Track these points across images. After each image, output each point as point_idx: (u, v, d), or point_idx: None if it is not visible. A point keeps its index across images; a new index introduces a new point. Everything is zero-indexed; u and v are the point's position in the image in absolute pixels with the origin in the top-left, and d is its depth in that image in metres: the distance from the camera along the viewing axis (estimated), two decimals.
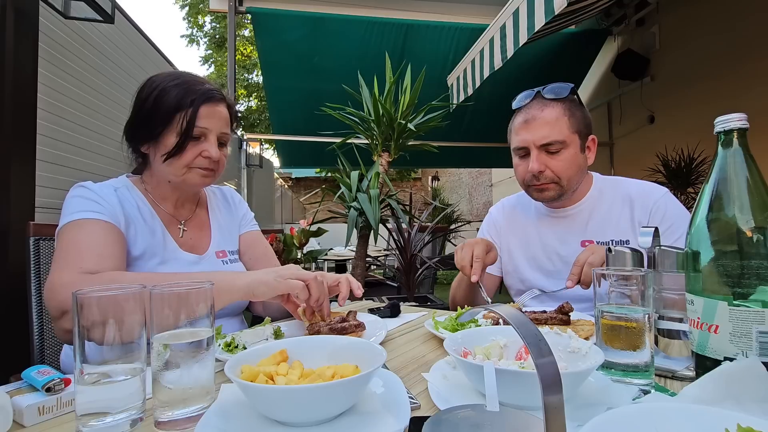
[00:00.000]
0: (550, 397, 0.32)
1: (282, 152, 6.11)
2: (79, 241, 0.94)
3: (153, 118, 1.03)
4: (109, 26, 3.41)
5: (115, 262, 0.96)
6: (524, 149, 1.27)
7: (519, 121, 1.29)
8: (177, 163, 1.04)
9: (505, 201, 1.57)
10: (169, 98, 1.02)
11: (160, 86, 1.04)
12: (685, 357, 0.70)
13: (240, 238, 1.30)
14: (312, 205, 14.66)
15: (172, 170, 1.06)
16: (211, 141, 1.06)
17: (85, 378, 0.54)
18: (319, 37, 4.26)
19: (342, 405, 0.54)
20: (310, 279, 0.92)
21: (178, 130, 1.02)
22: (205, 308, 0.61)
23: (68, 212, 0.99)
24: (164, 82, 1.04)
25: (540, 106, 1.25)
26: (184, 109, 1.02)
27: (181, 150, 1.03)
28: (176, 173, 1.06)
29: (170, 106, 1.02)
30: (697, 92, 4.10)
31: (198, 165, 1.06)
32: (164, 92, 1.03)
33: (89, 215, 0.98)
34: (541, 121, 1.24)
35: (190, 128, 1.02)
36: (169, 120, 1.02)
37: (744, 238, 0.62)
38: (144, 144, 1.08)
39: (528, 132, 1.25)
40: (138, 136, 1.08)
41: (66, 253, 0.93)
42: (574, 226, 1.33)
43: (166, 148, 1.03)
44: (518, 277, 1.43)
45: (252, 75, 16.07)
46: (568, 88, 1.26)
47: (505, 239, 1.48)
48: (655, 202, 1.25)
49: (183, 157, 1.04)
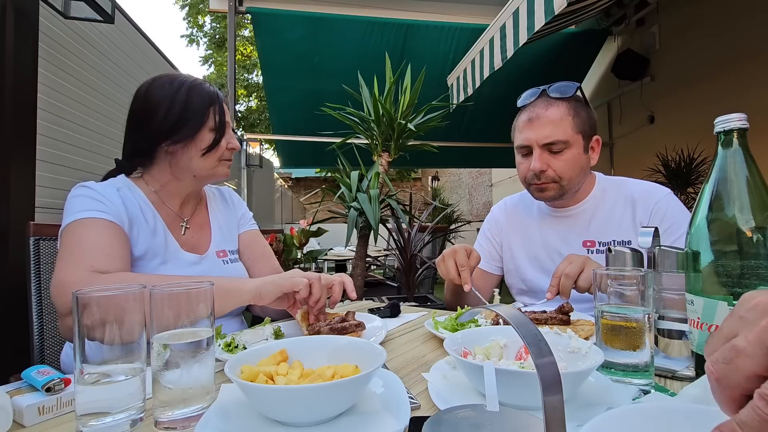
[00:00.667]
0: (550, 397, 0.32)
1: (282, 152, 6.11)
2: (86, 240, 0.94)
3: (189, 117, 1.06)
4: (109, 26, 3.41)
5: (122, 262, 0.96)
6: (527, 147, 1.27)
7: (523, 119, 1.28)
8: (213, 156, 1.10)
9: (508, 200, 1.57)
10: (200, 96, 1.07)
11: (185, 85, 1.07)
12: (685, 357, 0.70)
13: (239, 237, 1.30)
14: (312, 205, 14.68)
15: (208, 164, 1.10)
16: (231, 133, 1.13)
17: (85, 378, 0.54)
18: (319, 37, 4.26)
19: (342, 405, 0.54)
20: (314, 279, 0.94)
21: (211, 126, 1.08)
22: (205, 308, 0.61)
23: (72, 211, 0.98)
24: (183, 82, 1.07)
25: (545, 104, 1.25)
26: (214, 104, 1.08)
27: (217, 144, 1.09)
28: (210, 166, 1.11)
29: (204, 102, 1.07)
30: (697, 92, 4.10)
31: (226, 157, 1.13)
32: (193, 90, 1.07)
33: (94, 214, 0.97)
34: (545, 120, 1.23)
35: (223, 122, 1.09)
36: (205, 116, 1.07)
37: (744, 238, 0.62)
38: (171, 143, 1.06)
39: (531, 130, 1.25)
40: (167, 136, 1.06)
41: (73, 251, 0.93)
42: (576, 225, 1.33)
43: (204, 143, 1.08)
44: (519, 277, 1.43)
45: (252, 75, 16.08)
46: (574, 87, 1.25)
47: (507, 238, 1.48)
48: (657, 203, 1.25)
49: (218, 150, 1.10)
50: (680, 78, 4.30)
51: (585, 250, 1.29)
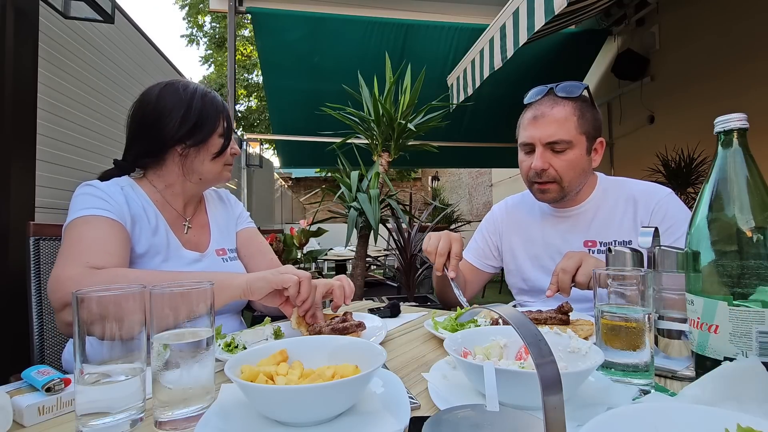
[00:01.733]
0: (550, 397, 0.32)
1: (282, 152, 6.11)
2: (86, 237, 0.96)
3: (204, 122, 1.10)
4: (109, 26, 3.41)
5: (119, 259, 0.97)
6: (530, 145, 1.26)
7: (528, 116, 1.28)
8: (220, 160, 1.15)
9: (509, 200, 1.57)
10: (214, 104, 1.12)
11: (198, 92, 1.11)
12: (685, 357, 0.70)
13: (237, 235, 1.32)
14: (312, 205, 14.68)
15: (216, 168, 1.15)
16: (233, 139, 1.18)
17: (85, 378, 0.54)
18: (319, 37, 4.25)
19: (342, 405, 0.54)
20: (304, 278, 0.93)
21: (220, 131, 1.13)
22: (205, 308, 0.61)
23: (76, 209, 1.00)
24: (195, 89, 1.12)
25: (551, 103, 1.24)
26: (223, 112, 1.14)
27: (225, 149, 1.15)
28: (218, 170, 1.16)
29: (217, 109, 1.13)
30: (697, 92, 4.10)
31: (229, 161, 1.19)
32: (206, 98, 1.12)
33: (96, 212, 0.99)
34: (550, 119, 1.22)
35: (230, 129, 1.16)
36: (216, 122, 1.12)
37: (744, 238, 0.62)
38: (186, 147, 1.10)
39: (535, 128, 1.24)
40: (182, 140, 1.09)
41: (72, 247, 0.94)
42: (577, 225, 1.33)
43: (215, 148, 1.13)
44: (521, 276, 1.43)
45: (252, 75, 16.08)
46: (581, 87, 1.25)
47: (507, 238, 1.48)
48: (658, 202, 1.25)
49: (225, 155, 1.16)
50: (680, 78, 4.30)
51: (586, 250, 1.29)
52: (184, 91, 1.10)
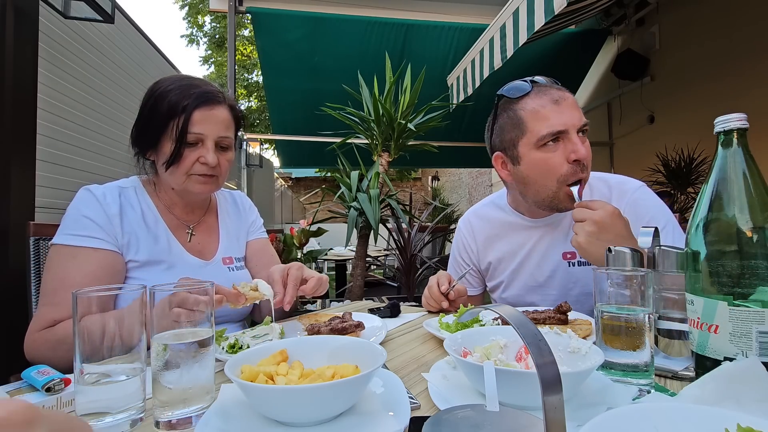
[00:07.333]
0: (550, 397, 0.32)
1: (282, 152, 6.11)
2: (67, 280, 0.93)
3: (150, 126, 1.02)
4: (109, 26, 3.41)
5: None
6: (561, 133, 1.07)
7: (544, 102, 1.08)
8: (177, 170, 1.03)
9: (472, 217, 1.43)
10: (163, 105, 1.00)
11: (156, 92, 1.03)
12: (685, 357, 0.70)
13: (247, 245, 1.29)
14: (312, 205, 14.66)
15: (174, 178, 1.05)
16: (208, 146, 1.03)
17: (85, 378, 0.54)
18: (319, 37, 4.25)
19: (342, 405, 0.54)
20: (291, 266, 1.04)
21: (173, 137, 1.00)
22: (205, 308, 0.61)
23: (68, 225, 0.98)
24: (162, 88, 1.03)
25: (557, 88, 1.12)
26: (177, 115, 1.00)
27: (178, 157, 1.01)
28: (178, 181, 1.05)
29: (164, 112, 1.00)
30: (697, 92, 4.10)
31: (196, 171, 1.04)
32: (160, 98, 1.01)
33: (85, 242, 0.96)
34: (572, 101, 1.09)
35: (184, 135, 1.00)
36: (164, 127, 1.00)
37: (744, 238, 0.62)
38: (147, 151, 1.07)
39: (562, 113, 1.06)
40: (141, 143, 1.07)
41: (47, 291, 0.94)
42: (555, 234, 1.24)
43: (165, 156, 1.02)
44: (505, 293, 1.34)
45: (252, 75, 16.06)
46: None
47: (483, 257, 1.38)
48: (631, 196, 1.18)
49: (182, 164, 1.02)
50: (680, 78, 4.29)
51: (566, 263, 1.21)
52: (150, 90, 1.05)
